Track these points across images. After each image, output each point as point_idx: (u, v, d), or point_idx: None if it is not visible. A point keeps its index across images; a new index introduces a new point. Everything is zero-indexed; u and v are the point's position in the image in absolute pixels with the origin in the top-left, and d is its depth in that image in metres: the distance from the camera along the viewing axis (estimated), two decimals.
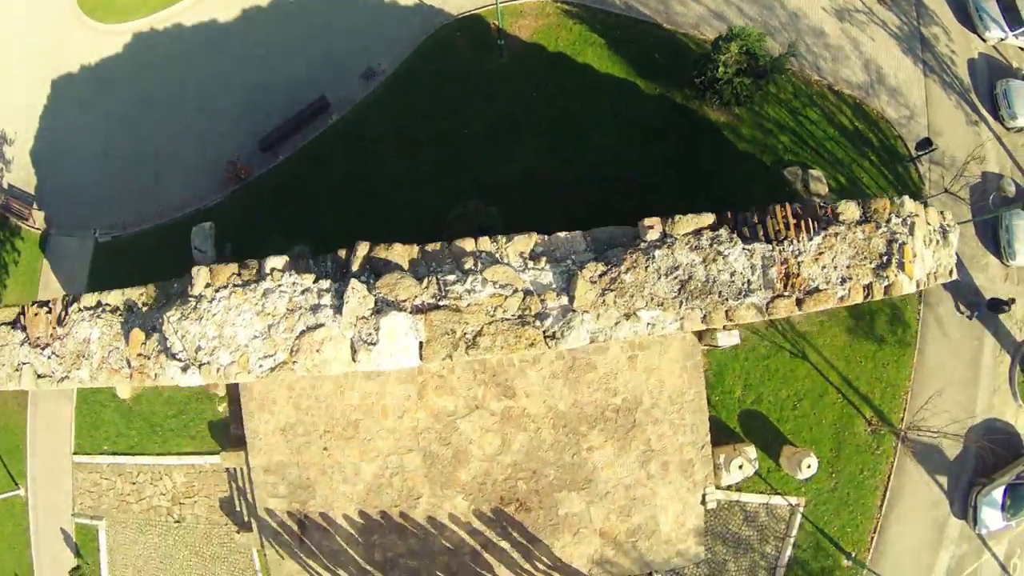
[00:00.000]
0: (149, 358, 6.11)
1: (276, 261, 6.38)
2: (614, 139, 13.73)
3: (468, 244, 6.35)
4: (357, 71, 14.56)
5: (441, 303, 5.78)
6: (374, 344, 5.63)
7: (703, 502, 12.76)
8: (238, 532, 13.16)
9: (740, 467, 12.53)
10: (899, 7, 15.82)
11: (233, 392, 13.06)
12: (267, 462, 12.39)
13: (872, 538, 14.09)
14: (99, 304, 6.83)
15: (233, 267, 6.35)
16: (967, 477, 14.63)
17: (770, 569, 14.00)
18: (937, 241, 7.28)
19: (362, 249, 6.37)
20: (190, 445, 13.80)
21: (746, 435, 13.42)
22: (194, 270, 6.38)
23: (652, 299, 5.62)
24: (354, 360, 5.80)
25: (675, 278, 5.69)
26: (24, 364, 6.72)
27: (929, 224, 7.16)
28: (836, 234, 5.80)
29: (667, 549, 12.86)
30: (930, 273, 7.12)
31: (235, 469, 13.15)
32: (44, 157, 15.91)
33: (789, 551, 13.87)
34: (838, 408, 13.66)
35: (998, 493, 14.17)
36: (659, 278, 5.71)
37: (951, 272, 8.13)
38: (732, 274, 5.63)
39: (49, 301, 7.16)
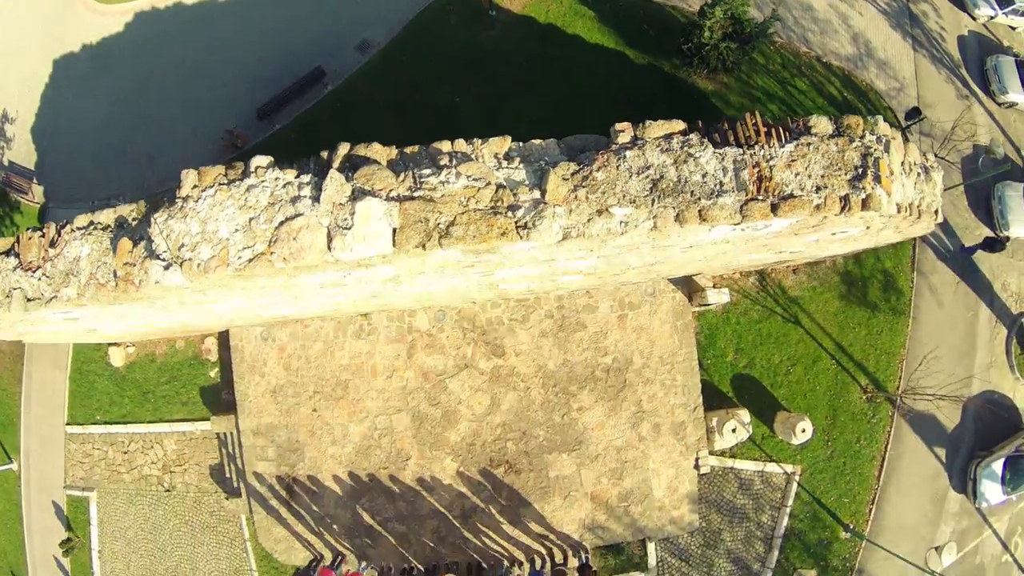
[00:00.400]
0: (134, 265, 6.17)
1: (261, 160, 6.50)
2: (603, 108, 13.86)
3: (445, 145, 6.43)
4: (352, 44, 14.86)
5: (415, 194, 5.81)
6: (348, 228, 5.64)
7: (696, 467, 12.61)
8: (227, 499, 13.06)
9: (733, 431, 12.39)
10: None
11: (224, 358, 13.12)
12: (257, 424, 12.37)
13: (870, 509, 13.81)
14: (91, 223, 6.95)
15: (220, 168, 6.49)
16: (966, 449, 14.38)
17: (766, 540, 13.72)
18: (919, 174, 7.27)
19: (343, 148, 6.47)
20: (182, 412, 13.75)
21: (739, 400, 13.26)
22: (183, 172, 6.52)
23: (624, 196, 5.63)
24: (329, 248, 5.80)
25: (647, 177, 5.70)
26: (15, 289, 6.80)
27: (908, 156, 7.17)
28: (808, 144, 5.81)
29: (660, 516, 12.67)
30: (913, 203, 7.08)
31: (225, 434, 13.09)
32: (44, 133, 16.23)
33: (785, 521, 13.60)
34: (832, 374, 13.50)
35: (998, 465, 13.90)
36: (630, 176, 5.73)
37: (937, 212, 8.09)
38: (704, 175, 5.63)
39: (43, 226, 7.30)
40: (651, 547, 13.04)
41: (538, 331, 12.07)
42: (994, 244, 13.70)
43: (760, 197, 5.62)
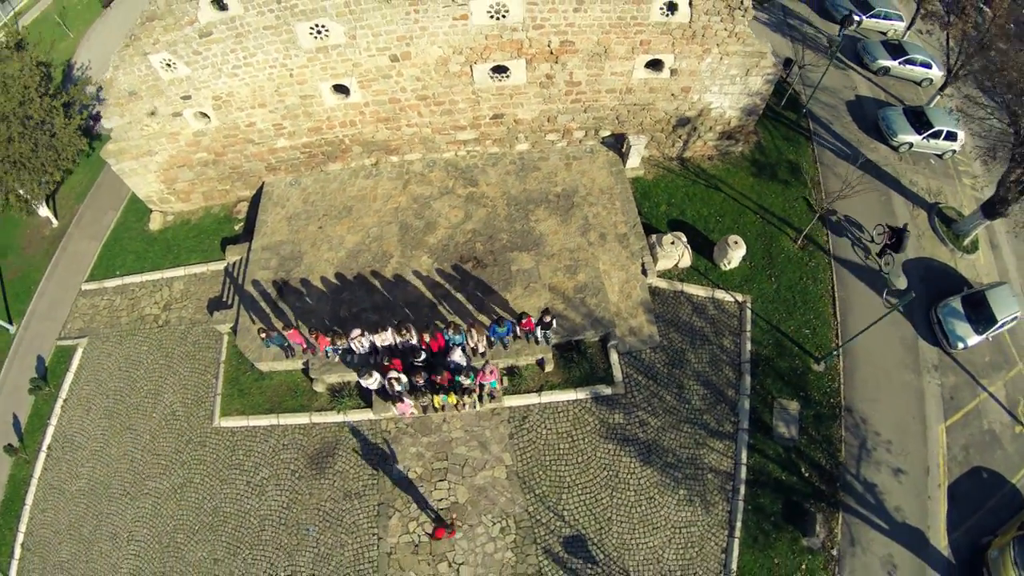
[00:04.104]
0: None
1: None
2: None
3: None
4: None
5: None
6: None
7: (644, 272, 14.01)
8: (216, 314, 14.10)
9: (672, 243, 14.31)
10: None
11: (251, 216, 16.05)
12: (267, 242, 14.81)
13: (836, 344, 13.94)
14: None
15: None
16: (920, 302, 15.05)
17: (734, 364, 13.61)
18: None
19: None
20: (199, 258, 15.78)
21: None
22: None
23: None
24: None
25: None
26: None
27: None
28: None
29: (620, 323, 13.42)
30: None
31: (233, 263, 15.05)
32: None
33: (748, 346, 13.78)
34: (759, 225, 15.62)
35: (957, 303, 14.74)
36: None
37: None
38: None
39: None
40: (614, 358, 13.22)
41: (504, 171, 15.60)
42: (899, 241, 15.09)
43: None
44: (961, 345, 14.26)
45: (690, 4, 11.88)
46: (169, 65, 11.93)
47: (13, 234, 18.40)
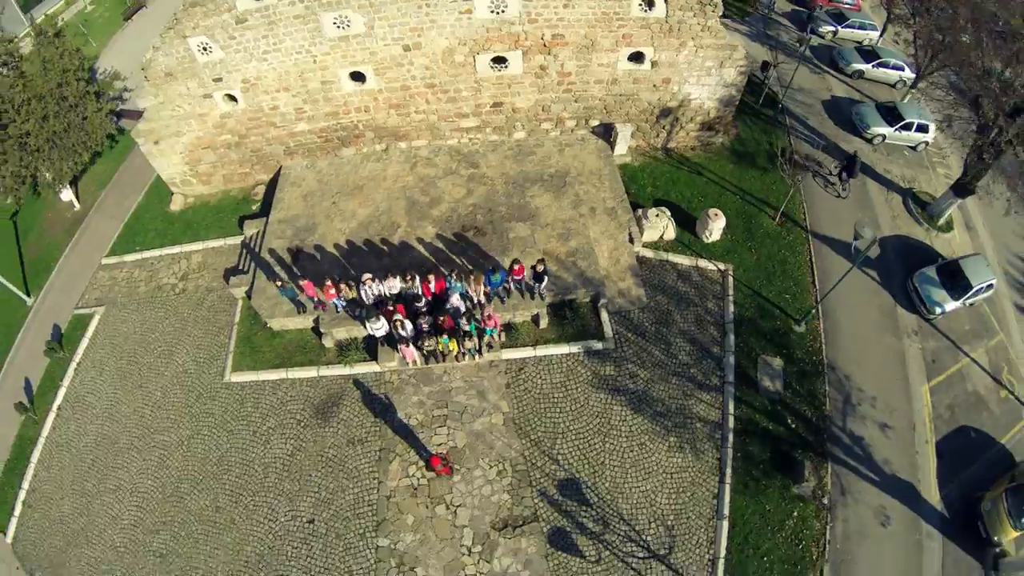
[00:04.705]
0: None
1: None
2: None
3: None
4: None
5: None
6: None
7: (631, 240, 15.00)
8: (232, 279, 15.01)
9: (657, 216, 15.42)
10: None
11: (268, 198, 17.37)
12: (284, 216, 15.99)
13: (816, 311, 14.68)
14: None
15: None
16: (898, 272, 15.98)
17: (718, 324, 14.31)
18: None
19: None
20: (218, 234, 16.84)
21: None
22: None
23: None
24: None
25: None
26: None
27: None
28: None
29: (609, 286, 14.32)
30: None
31: (251, 237, 16.13)
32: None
33: (731, 308, 14.56)
34: (739, 205, 16.74)
35: (932, 272, 15.60)
36: None
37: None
38: None
39: None
40: (604, 316, 13.99)
41: (503, 156, 16.98)
42: (851, 167, 17.32)
43: None
44: (939, 310, 14.96)
45: (666, 1, 13.67)
46: (205, 49, 13.58)
47: (35, 217, 19.24)
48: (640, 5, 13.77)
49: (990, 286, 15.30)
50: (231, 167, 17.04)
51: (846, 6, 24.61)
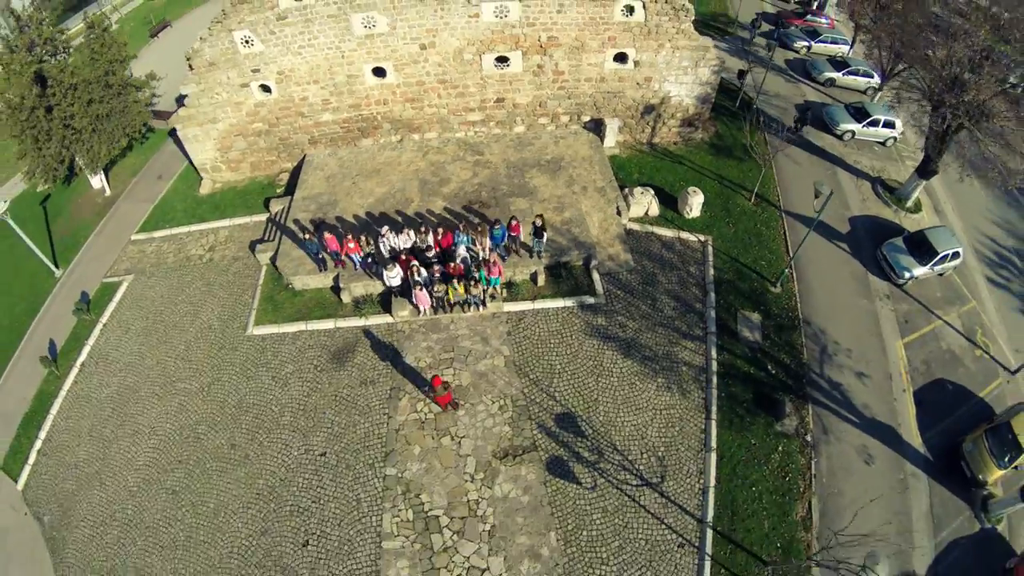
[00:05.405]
0: None
1: None
2: None
3: None
4: None
5: None
6: None
7: (618, 212, 16.54)
8: (259, 245, 16.41)
9: (642, 193, 17.07)
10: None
11: (292, 183, 19.15)
12: (308, 193, 17.69)
13: (790, 269, 15.94)
14: None
15: None
16: (867, 243, 17.33)
17: (700, 285, 15.57)
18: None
19: None
20: (244, 213, 18.35)
21: None
22: None
23: None
24: None
25: None
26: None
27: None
28: None
29: (600, 251, 15.76)
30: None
31: (276, 213, 17.69)
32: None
33: (711, 271, 15.87)
34: (718, 187, 18.43)
35: (899, 242, 16.94)
36: None
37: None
38: None
39: None
40: (596, 276, 15.32)
41: (504, 146, 18.90)
42: (805, 117, 20.66)
43: None
44: (907, 275, 16.06)
45: (644, 7, 16.03)
46: (247, 42, 15.74)
47: (65, 204, 20.25)
48: (622, 11, 16.13)
49: (956, 254, 16.48)
50: (259, 154, 18.94)
51: (822, 23, 27.63)
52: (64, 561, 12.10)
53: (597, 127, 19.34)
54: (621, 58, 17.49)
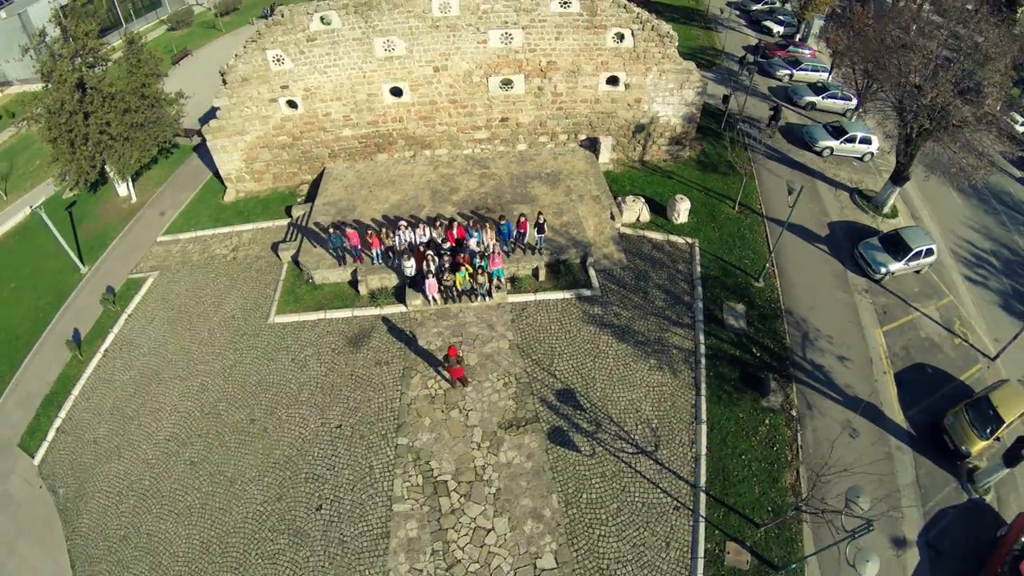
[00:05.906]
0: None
1: None
2: None
3: None
4: None
5: None
6: None
7: (612, 218, 18.06)
8: (281, 243, 17.79)
9: (633, 200, 18.67)
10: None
11: (311, 193, 20.82)
12: (328, 200, 19.34)
13: (771, 263, 17.25)
14: None
15: None
16: (845, 243, 18.66)
17: (688, 280, 16.86)
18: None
19: None
20: (266, 218, 19.78)
21: None
22: None
23: None
24: None
25: None
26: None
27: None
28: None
29: (596, 251, 17.18)
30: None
31: (297, 218, 19.20)
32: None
33: (698, 269, 17.20)
34: (704, 198, 20.06)
35: (874, 240, 18.26)
36: None
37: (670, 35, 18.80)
38: None
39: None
40: (592, 272, 16.62)
41: (508, 161, 20.73)
42: (776, 115, 23.09)
43: None
44: (884, 270, 17.22)
45: (632, 34, 18.28)
46: (278, 60, 17.79)
47: (92, 208, 21.48)
48: (613, 38, 18.38)
49: (930, 251, 17.61)
50: (282, 166, 20.73)
51: (804, 53, 30.41)
52: (77, 531, 12.61)
53: (593, 145, 21.29)
54: (613, 81, 19.64)
